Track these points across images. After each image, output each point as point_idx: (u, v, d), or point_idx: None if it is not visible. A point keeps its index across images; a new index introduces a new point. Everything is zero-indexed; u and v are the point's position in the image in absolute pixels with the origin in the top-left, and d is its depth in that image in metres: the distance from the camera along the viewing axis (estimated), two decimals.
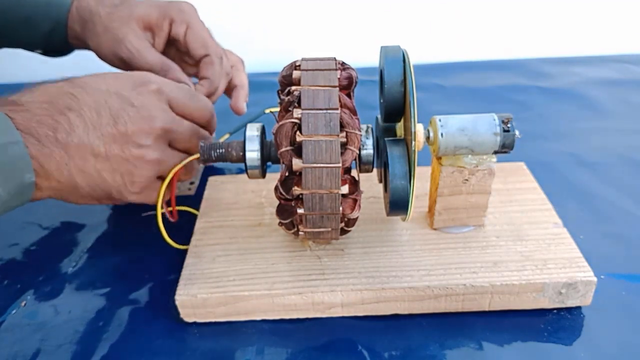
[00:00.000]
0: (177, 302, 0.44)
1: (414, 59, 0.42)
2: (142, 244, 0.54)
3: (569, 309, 0.45)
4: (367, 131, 0.45)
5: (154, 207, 0.47)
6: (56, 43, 0.60)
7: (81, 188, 0.39)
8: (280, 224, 0.45)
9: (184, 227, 0.52)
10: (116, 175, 0.40)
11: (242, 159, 0.45)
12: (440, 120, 0.43)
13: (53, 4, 0.57)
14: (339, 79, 0.41)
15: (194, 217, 0.53)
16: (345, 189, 0.40)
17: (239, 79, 0.62)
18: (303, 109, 0.39)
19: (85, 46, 0.58)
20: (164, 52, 0.57)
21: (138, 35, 0.53)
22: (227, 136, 0.59)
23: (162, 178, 0.44)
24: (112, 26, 0.53)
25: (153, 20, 0.54)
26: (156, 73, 0.52)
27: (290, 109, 0.40)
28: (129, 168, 0.40)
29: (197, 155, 0.46)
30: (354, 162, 0.42)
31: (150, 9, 0.54)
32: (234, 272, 0.46)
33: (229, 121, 0.61)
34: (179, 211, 0.51)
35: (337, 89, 0.40)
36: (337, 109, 0.39)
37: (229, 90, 0.62)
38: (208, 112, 0.46)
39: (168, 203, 0.49)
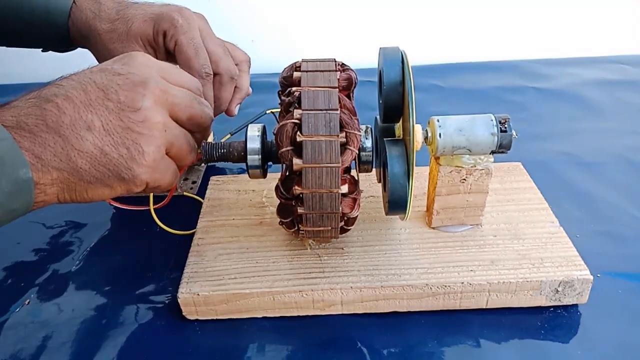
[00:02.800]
0: (179, 300, 0.44)
1: (413, 60, 0.42)
2: (144, 243, 0.54)
3: (565, 307, 0.46)
4: (366, 131, 0.45)
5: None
6: (62, 46, 0.60)
7: (85, 171, 0.36)
8: (281, 223, 0.45)
9: (184, 214, 0.52)
10: (121, 149, 0.36)
11: (244, 159, 0.46)
12: (438, 121, 0.44)
13: (52, 12, 0.55)
14: (338, 80, 0.42)
15: (196, 205, 0.54)
16: (344, 189, 0.41)
17: (239, 81, 0.59)
18: (303, 110, 0.40)
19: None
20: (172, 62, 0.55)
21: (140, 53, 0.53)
22: (228, 136, 0.60)
23: (170, 156, 0.40)
24: (112, 47, 0.53)
25: (150, 37, 0.53)
26: None
27: (290, 109, 0.41)
28: (134, 136, 0.36)
29: (198, 155, 0.47)
30: (353, 162, 0.42)
31: (145, 24, 0.52)
32: (236, 271, 0.46)
33: (230, 121, 0.62)
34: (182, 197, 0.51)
35: (337, 89, 0.41)
36: (336, 109, 0.40)
37: None
38: (197, 82, 0.43)
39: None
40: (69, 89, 0.36)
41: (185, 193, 0.61)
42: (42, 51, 0.62)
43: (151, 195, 0.47)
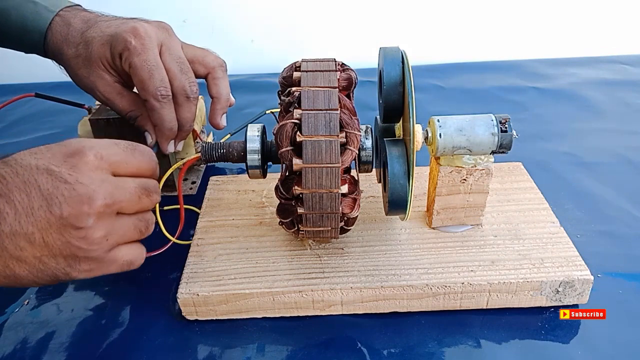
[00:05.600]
0: (179, 300, 0.44)
1: (413, 60, 0.42)
2: (144, 243, 0.54)
3: (566, 307, 0.45)
4: (366, 131, 0.45)
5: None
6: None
7: (22, 277, 0.35)
8: (281, 223, 0.45)
9: (184, 225, 0.52)
10: (59, 259, 0.35)
11: (243, 159, 0.46)
12: (438, 121, 0.44)
13: (30, 32, 0.53)
14: (338, 79, 0.42)
15: (195, 215, 0.54)
16: (344, 189, 0.41)
17: (215, 89, 0.55)
18: (303, 110, 0.40)
19: None
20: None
21: (105, 81, 0.51)
22: (228, 136, 0.60)
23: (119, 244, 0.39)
24: (80, 73, 0.51)
25: (110, 60, 0.50)
26: (128, 119, 0.52)
27: (290, 109, 0.41)
28: (72, 250, 0.35)
29: (198, 155, 0.47)
30: (353, 162, 0.42)
31: (103, 47, 0.50)
32: (235, 271, 0.46)
33: (229, 122, 0.62)
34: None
35: (337, 89, 0.41)
36: (336, 109, 0.40)
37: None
38: (152, 162, 0.41)
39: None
40: (13, 189, 0.34)
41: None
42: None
43: (157, 208, 0.47)
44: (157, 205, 0.47)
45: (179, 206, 0.48)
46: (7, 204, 0.34)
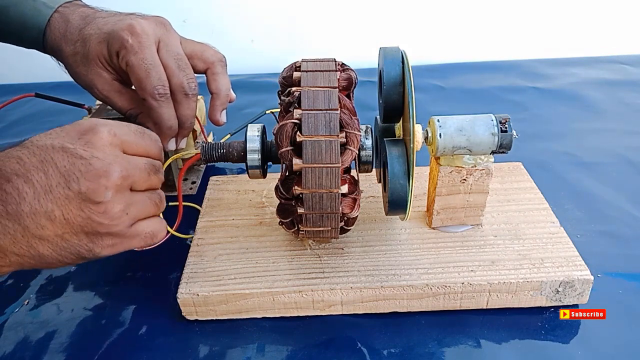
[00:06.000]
0: (178, 300, 0.44)
1: (413, 60, 0.42)
2: None
3: (566, 307, 0.45)
4: (366, 131, 0.45)
5: None
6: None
7: (47, 256, 0.36)
8: (281, 223, 0.45)
9: (184, 221, 0.52)
10: (81, 235, 0.36)
11: (243, 159, 0.46)
12: (438, 121, 0.44)
13: (28, 28, 0.53)
14: (338, 79, 0.42)
15: (195, 212, 0.54)
16: (344, 189, 0.41)
17: (214, 85, 0.54)
18: (303, 110, 0.40)
19: None
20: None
21: (104, 78, 0.51)
22: (228, 136, 0.60)
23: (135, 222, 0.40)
24: (78, 71, 0.51)
25: (107, 58, 0.50)
26: (128, 117, 0.52)
27: (290, 109, 0.41)
28: (94, 225, 0.36)
29: (197, 152, 0.47)
30: (353, 162, 0.42)
31: (100, 45, 0.50)
32: (235, 271, 0.46)
33: (229, 122, 0.62)
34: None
35: (337, 89, 0.41)
36: (336, 109, 0.40)
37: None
38: (158, 146, 0.42)
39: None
40: (30, 169, 0.35)
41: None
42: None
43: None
44: None
45: (178, 203, 0.48)
46: (25, 184, 0.34)
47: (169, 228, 0.48)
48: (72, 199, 0.35)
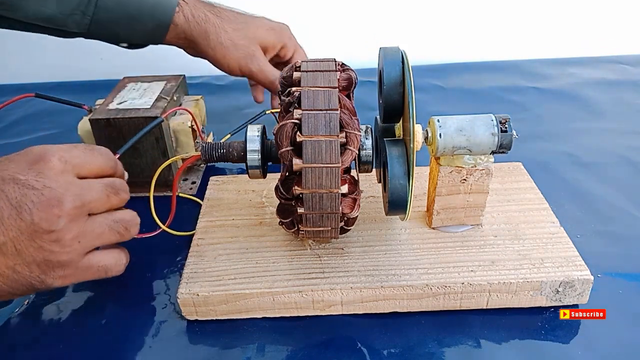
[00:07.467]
0: (178, 300, 0.44)
1: (413, 60, 0.42)
2: (144, 243, 0.54)
3: (566, 307, 0.45)
4: (366, 131, 0.45)
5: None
6: (152, 41, 0.62)
7: None
8: (281, 223, 0.45)
9: (184, 217, 0.52)
10: (33, 267, 0.35)
11: (243, 159, 0.46)
12: (438, 121, 0.44)
13: (158, 6, 0.59)
14: (338, 80, 0.42)
15: (195, 207, 0.54)
16: (344, 189, 0.41)
17: (298, 55, 0.68)
18: (303, 110, 0.40)
19: (189, 46, 0.62)
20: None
21: (263, 55, 0.63)
22: (228, 136, 0.60)
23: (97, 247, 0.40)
24: (241, 44, 0.62)
25: (270, 44, 0.64)
26: (268, 87, 0.65)
27: (290, 109, 0.41)
28: (45, 255, 0.35)
29: (198, 154, 0.47)
30: (353, 162, 0.42)
31: (268, 33, 0.64)
32: (235, 271, 0.46)
33: (229, 122, 0.62)
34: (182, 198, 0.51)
35: (337, 89, 0.41)
36: (336, 109, 0.40)
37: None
38: (111, 160, 0.42)
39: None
40: None
41: (181, 194, 0.61)
42: (125, 47, 0.64)
43: (151, 195, 0.47)
44: (152, 196, 0.47)
45: (177, 203, 0.48)
46: None
47: (161, 225, 0.48)
48: (24, 230, 0.34)
